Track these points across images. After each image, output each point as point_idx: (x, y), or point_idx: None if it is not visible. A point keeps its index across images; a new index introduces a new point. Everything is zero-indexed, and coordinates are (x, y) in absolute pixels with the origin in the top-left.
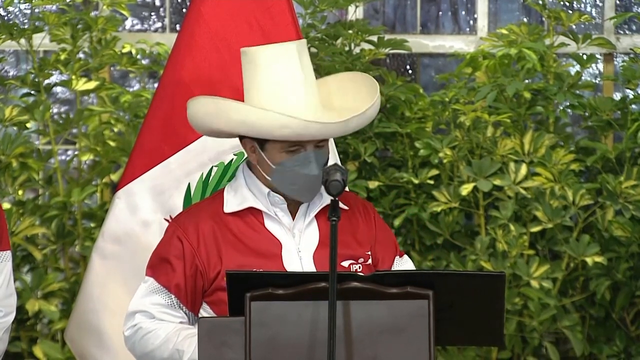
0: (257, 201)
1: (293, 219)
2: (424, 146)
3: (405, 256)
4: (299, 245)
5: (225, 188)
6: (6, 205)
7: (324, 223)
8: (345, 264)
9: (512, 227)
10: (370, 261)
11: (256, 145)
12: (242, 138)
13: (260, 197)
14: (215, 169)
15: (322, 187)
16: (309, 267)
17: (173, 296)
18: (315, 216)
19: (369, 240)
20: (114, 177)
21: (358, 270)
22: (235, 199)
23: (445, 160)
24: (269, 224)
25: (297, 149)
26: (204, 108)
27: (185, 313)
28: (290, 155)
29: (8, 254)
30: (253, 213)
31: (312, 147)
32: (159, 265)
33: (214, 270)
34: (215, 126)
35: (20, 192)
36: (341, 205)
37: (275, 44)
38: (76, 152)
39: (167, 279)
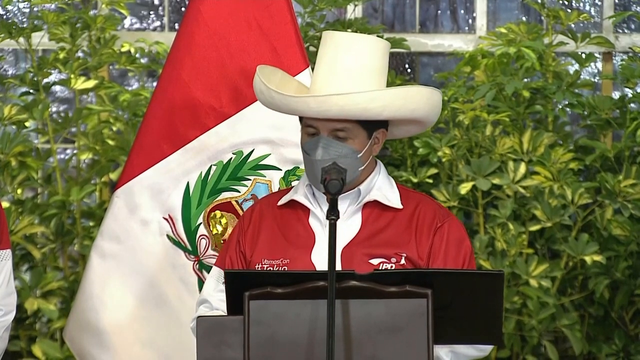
0: (301, 196)
1: None
2: (422, 145)
3: None
4: None
5: None
6: (5, 204)
7: (368, 220)
8: (375, 261)
9: (511, 226)
10: (403, 261)
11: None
12: None
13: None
14: (214, 167)
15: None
16: (336, 263)
17: None
18: (362, 212)
19: (409, 243)
20: (113, 176)
21: (388, 268)
22: (292, 192)
23: (444, 159)
24: (311, 218)
25: (314, 132)
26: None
27: None
28: (310, 139)
29: (8, 252)
30: (301, 206)
31: (326, 133)
32: (220, 250)
33: (249, 253)
34: None
35: (19, 191)
36: (392, 204)
37: (350, 33)
38: (75, 151)
39: (221, 260)
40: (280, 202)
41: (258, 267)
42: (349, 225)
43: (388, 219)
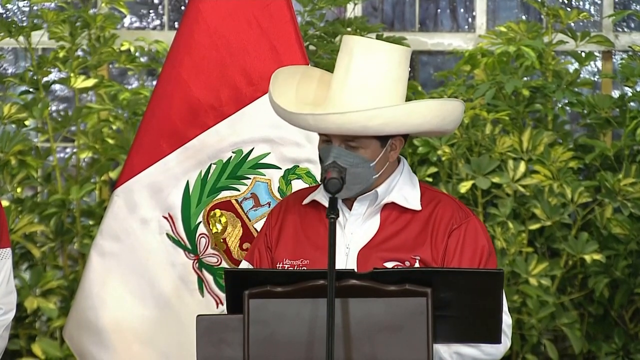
0: (322, 196)
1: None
2: (422, 144)
3: None
4: (349, 243)
5: None
6: (5, 203)
7: (386, 222)
8: (389, 265)
9: (510, 225)
10: (417, 264)
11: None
12: None
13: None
14: (214, 166)
15: (384, 186)
16: (352, 264)
17: None
18: (381, 213)
19: (424, 245)
20: (113, 174)
21: None
22: (316, 191)
23: (443, 158)
24: None
25: (327, 139)
26: None
27: None
28: (324, 145)
29: (8, 251)
30: (324, 206)
31: (338, 142)
32: (250, 245)
33: (274, 250)
34: None
35: (18, 190)
36: (410, 206)
37: (367, 39)
38: (75, 150)
39: (250, 254)
40: (304, 202)
41: (279, 266)
42: (367, 228)
43: (406, 221)
